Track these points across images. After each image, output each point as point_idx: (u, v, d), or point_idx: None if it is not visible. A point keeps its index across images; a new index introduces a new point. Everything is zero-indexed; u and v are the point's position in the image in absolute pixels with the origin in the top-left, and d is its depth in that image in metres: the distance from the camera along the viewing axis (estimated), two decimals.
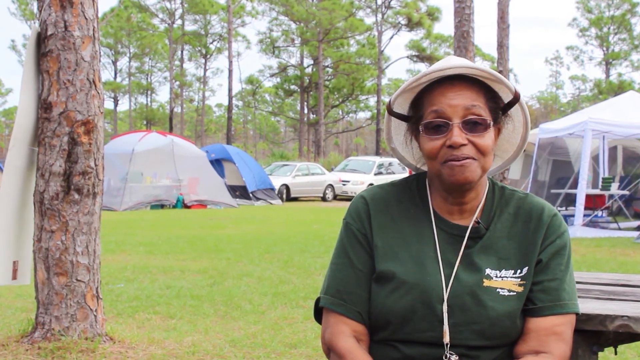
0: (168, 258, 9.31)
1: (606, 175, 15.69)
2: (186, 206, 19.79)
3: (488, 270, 1.72)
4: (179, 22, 54.47)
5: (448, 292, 1.69)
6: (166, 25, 53.86)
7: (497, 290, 1.70)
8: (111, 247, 9.98)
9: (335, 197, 27.19)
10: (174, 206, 19.70)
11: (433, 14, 50.31)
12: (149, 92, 63.04)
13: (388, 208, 1.80)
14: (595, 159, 15.77)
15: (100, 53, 4.69)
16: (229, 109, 41.72)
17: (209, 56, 57.52)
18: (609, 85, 53.76)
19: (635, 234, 12.03)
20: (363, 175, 27.66)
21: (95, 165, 4.58)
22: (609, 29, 55.66)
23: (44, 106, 4.48)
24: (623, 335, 1.95)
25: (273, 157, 39.83)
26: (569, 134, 14.10)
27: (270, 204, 22.81)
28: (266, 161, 37.58)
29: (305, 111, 54.45)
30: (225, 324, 5.49)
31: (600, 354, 2.03)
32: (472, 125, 1.68)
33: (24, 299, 6.31)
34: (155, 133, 21.80)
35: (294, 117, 58.31)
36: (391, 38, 53.57)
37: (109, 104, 59.30)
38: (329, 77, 52.72)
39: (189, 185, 20.32)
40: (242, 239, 11.57)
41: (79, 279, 4.48)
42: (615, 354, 2.23)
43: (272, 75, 55.15)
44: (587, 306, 1.98)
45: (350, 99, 54.89)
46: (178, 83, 56.38)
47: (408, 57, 52.87)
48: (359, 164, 29.65)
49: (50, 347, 4.29)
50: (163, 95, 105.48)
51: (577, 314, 1.75)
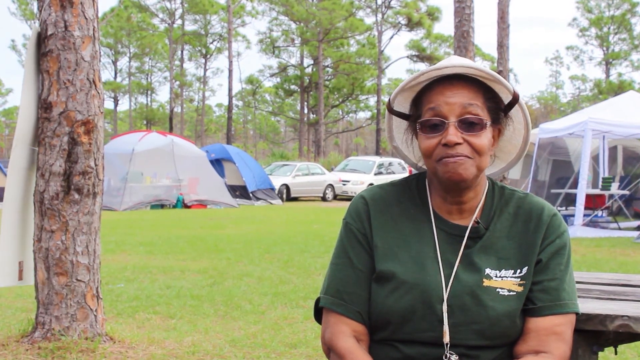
0: (168, 258, 9.31)
1: (606, 175, 15.69)
2: (186, 206, 19.79)
3: (488, 270, 1.72)
4: (179, 22, 54.50)
5: (448, 292, 1.69)
6: (166, 25, 53.86)
7: (497, 290, 1.70)
8: (111, 247, 9.98)
9: (336, 197, 27.19)
10: (174, 206, 19.70)
11: (433, 14, 50.32)
12: (149, 92, 63.07)
13: (388, 208, 1.80)
14: (595, 158, 15.77)
15: (100, 53, 4.69)
16: (229, 108, 41.72)
17: (209, 56, 57.53)
18: (609, 85, 53.77)
19: (636, 233, 12.03)
20: (363, 175, 27.66)
21: (95, 165, 4.58)
22: (609, 28, 55.67)
23: (44, 106, 4.48)
24: (623, 335, 1.95)
25: (273, 157, 39.83)
26: (569, 134, 14.10)
27: (271, 203, 22.82)
28: (266, 161, 37.58)
29: (305, 111, 54.45)
30: (226, 324, 5.49)
31: (600, 353, 2.03)
32: (469, 125, 1.68)
33: (24, 299, 6.31)
34: (155, 133, 21.79)
35: (294, 117, 58.31)
36: (391, 38, 53.63)
37: (109, 104, 59.40)
38: (329, 77, 52.72)
39: (189, 185, 20.32)
40: (242, 239, 11.57)
41: (79, 279, 4.48)
42: (616, 353, 2.23)
43: (272, 75, 55.18)
44: (587, 306, 1.98)
45: (350, 98, 54.90)
46: (178, 83, 56.39)
47: (408, 57, 52.89)
48: (359, 163, 29.66)
49: (51, 347, 4.29)
50: (163, 95, 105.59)
51: (577, 314, 1.75)
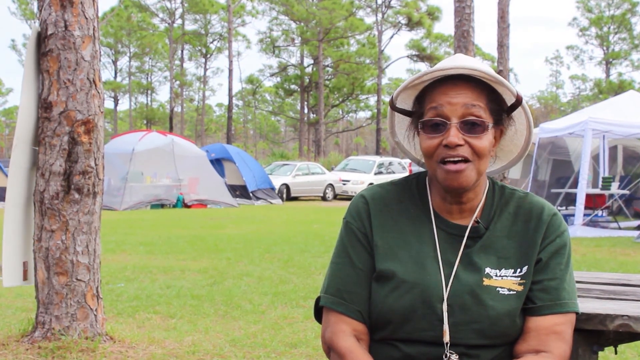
0: (168, 258, 9.31)
1: (606, 174, 15.69)
2: (186, 206, 19.79)
3: (488, 270, 1.72)
4: (179, 22, 54.50)
5: (448, 292, 1.70)
6: (166, 24, 53.86)
7: (497, 289, 1.70)
8: (111, 247, 9.98)
9: (336, 197, 27.19)
10: (174, 206, 19.70)
11: (433, 14, 50.33)
12: (149, 92, 63.06)
13: (388, 207, 1.80)
14: (595, 158, 15.76)
15: (100, 52, 4.69)
16: (229, 108, 41.71)
17: (209, 56, 57.53)
18: (609, 85, 53.77)
19: (636, 233, 12.03)
20: (363, 174, 27.66)
21: (96, 164, 4.58)
22: (609, 28, 55.66)
23: (44, 106, 4.48)
24: (623, 334, 1.95)
25: (273, 157, 39.83)
26: (569, 134, 14.10)
27: (271, 203, 22.81)
28: (266, 161, 37.58)
29: (306, 111, 54.45)
30: (226, 323, 5.49)
31: (600, 353, 2.03)
32: (470, 126, 1.68)
33: (24, 299, 6.31)
34: (156, 132, 21.79)
35: (294, 117, 58.31)
36: (391, 38, 53.64)
37: (109, 104, 59.40)
38: (329, 77, 52.72)
39: (189, 185, 20.32)
40: (242, 239, 11.57)
41: (79, 279, 4.48)
42: (616, 353, 2.23)
43: (272, 75, 55.18)
44: (588, 306, 1.98)
45: (350, 98, 54.91)
46: (178, 82, 56.39)
47: (408, 57, 52.89)
48: (359, 163, 29.65)
49: (51, 347, 4.29)
50: (163, 94, 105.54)
51: (577, 314, 1.75)
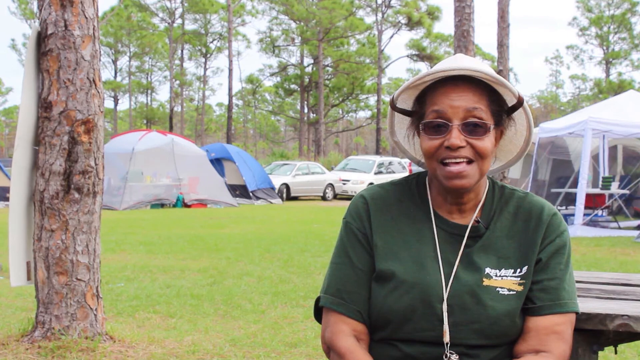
0: (168, 257, 9.31)
1: (606, 174, 15.69)
2: (186, 205, 19.78)
3: (488, 270, 1.72)
4: (179, 22, 54.49)
5: (448, 292, 1.70)
6: (166, 24, 53.85)
7: (497, 289, 1.70)
8: (111, 247, 9.98)
9: (336, 197, 27.18)
10: (174, 205, 19.69)
11: (433, 13, 50.31)
12: (149, 91, 63.04)
13: (388, 207, 1.80)
14: (595, 158, 15.76)
15: (100, 52, 4.69)
16: (229, 108, 41.70)
17: (209, 55, 57.52)
18: (609, 85, 53.76)
19: (636, 233, 12.03)
20: (363, 174, 27.65)
21: (96, 164, 4.58)
22: (609, 28, 55.65)
23: (44, 105, 4.48)
24: (623, 334, 1.95)
25: (273, 156, 39.83)
26: (569, 133, 14.09)
27: (271, 203, 22.81)
28: (266, 160, 37.57)
29: (306, 110, 54.44)
30: (226, 323, 5.49)
31: (600, 353, 2.03)
32: (472, 128, 1.68)
33: (24, 298, 6.31)
34: (156, 132, 21.78)
35: (294, 117, 58.30)
36: (391, 37, 53.56)
37: (109, 103, 59.39)
38: (329, 77, 52.71)
39: (189, 185, 20.32)
40: (242, 239, 11.57)
41: (79, 278, 4.48)
42: (616, 353, 2.23)
43: (272, 75, 55.17)
44: (587, 305, 1.98)
45: (350, 98, 54.90)
46: (178, 82, 56.38)
47: (408, 57, 52.88)
48: (359, 163, 29.64)
49: (51, 346, 4.29)
50: (163, 94, 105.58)
51: (577, 313, 1.75)
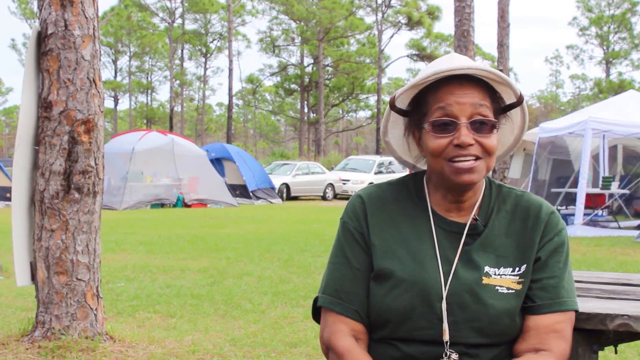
0: (168, 257, 9.31)
1: (606, 174, 15.69)
2: (186, 205, 19.78)
3: (487, 268, 1.72)
4: (179, 21, 54.49)
5: (447, 290, 1.69)
6: (166, 24, 53.85)
7: (496, 288, 1.70)
8: (111, 246, 9.98)
9: (336, 196, 27.18)
10: (174, 205, 19.70)
11: (433, 13, 50.31)
12: (149, 91, 63.05)
13: (385, 206, 1.80)
14: (595, 158, 15.76)
15: (100, 52, 4.69)
16: (229, 108, 41.71)
17: (209, 55, 57.52)
18: (609, 84, 53.75)
19: (636, 233, 12.03)
20: (363, 174, 27.64)
21: (96, 164, 4.58)
22: (609, 28, 55.64)
23: (44, 105, 4.48)
24: (623, 334, 1.95)
25: (273, 156, 39.83)
26: (569, 133, 14.09)
27: (271, 203, 22.81)
28: (266, 160, 37.57)
29: (306, 110, 54.44)
30: (226, 323, 5.49)
31: (600, 353, 2.03)
32: (479, 125, 1.68)
33: (24, 298, 6.31)
34: (156, 132, 21.79)
35: (294, 116, 58.30)
36: (391, 37, 53.58)
37: (109, 103, 59.39)
38: (329, 76, 52.71)
39: (189, 184, 20.32)
40: (243, 238, 11.57)
41: (79, 278, 4.49)
42: (616, 353, 2.23)
43: (273, 74, 55.17)
44: (588, 305, 1.98)
45: (350, 98, 54.90)
46: (178, 82, 56.38)
47: (408, 56, 52.87)
48: (359, 163, 29.64)
49: (51, 346, 4.29)
50: (163, 94, 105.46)
51: (577, 312, 1.75)
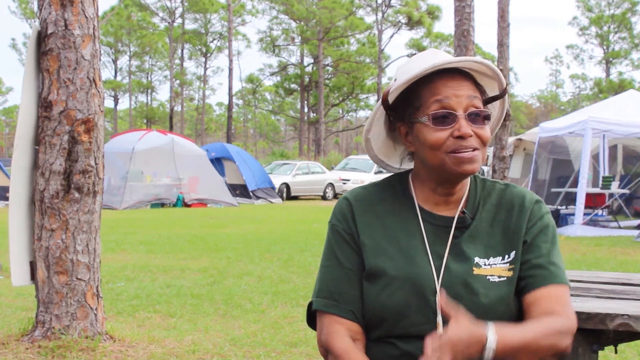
0: (168, 257, 9.31)
1: (606, 174, 15.68)
2: (186, 205, 19.78)
3: (477, 259, 1.73)
4: (179, 21, 54.47)
5: (440, 284, 1.70)
6: (166, 24, 53.84)
7: (487, 277, 1.71)
8: (111, 246, 9.98)
9: (336, 196, 27.15)
10: (174, 205, 19.69)
11: (433, 13, 50.31)
12: (149, 91, 63.03)
13: (372, 206, 1.81)
14: (595, 157, 15.75)
15: (100, 52, 4.69)
16: (229, 107, 41.70)
17: (209, 55, 57.51)
18: (609, 84, 53.74)
19: (636, 232, 12.03)
20: (363, 174, 27.62)
21: (96, 163, 4.58)
22: (609, 27, 55.63)
23: (44, 105, 4.48)
24: (623, 334, 1.96)
25: (273, 156, 39.82)
26: (569, 133, 14.09)
27: (271, 202, 22.81)
28: (266, 160, 37.57)
29: (306, 110, 54.43)
30: (226, 322, 5.49)
31: (600, 352, 2.03)
32: (475, 117, 1.71)
33: (24, 298, 6.31)
34: (156, 132, 21.78)
35: (294, 116, 58.29)
36: (391, 37, 53.53)
37: (109, 103, 59.35)
38: (329, 76, 52.70)
39: (189, 184, 20.31)
40: (243, 238, 11.57)
41: (79, 278, 4.49)
42: (616, 352, 2.23)
43: (273, 74, 55.14)
44: (588, 305, 1.99)
45: (350, 97, 54.88)
46: (178, 82, 56.36)
47: (408, 56, 52.77)
48: (359, 162, 29.61)
49: (51, 346, 4.29)
50: (163, 93, 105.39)
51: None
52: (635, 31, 54.77)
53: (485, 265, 1.72)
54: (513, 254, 1.74)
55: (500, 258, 1.73)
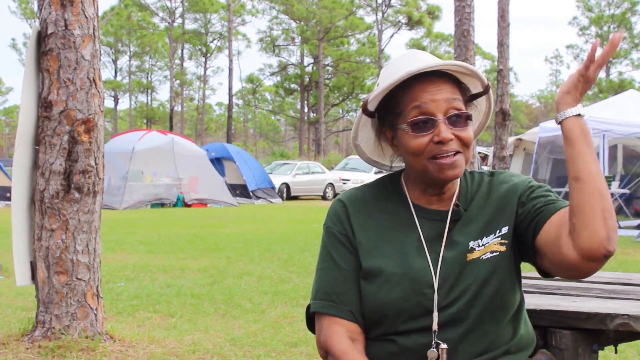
0: (168, 257, 9.31)
1: (606, 174, 15.68)
2: (186, 205, 19.78)
3: (471, 244, 1.73)
4: (179, 21, 54.48)
5: (437, 277, 1.71)
6: (166, 23, 53.84)
7: (481, 257, 1.72)
8: (111, 246, 9.98)
9: (336, 196, 27.13)
10: (174, 205, 19.70)
11: (433, 13, 50.32)
12: (149, 91, 63.04)
13: (366, 206, 1.82)
14: None
15: (100, 52, 4.69)
16: (229, 107, 41.71)
17: (209, 55, 57.51)
18: (609, 84, 53.73)
19: (636, 232, 12.03)
20: (363, 174, 27.59)
21: (96, 163, 4.58)
22: (609, 27, 55.60)
23: (44, 105, 4.48)
24: (623, 333, 1.96)
25: (273, 156, 39.82)
26: None
27: (271, 202, 22.81)
28: (266, 160, 37.57)
29: (306, 110, 54.44)
30: (226, 322, 5.49)
31: (600, 352, 2.03)
32: (455, 119, 1.70)
33: (24, 298, 6.31)
34: (156, 132, 21.79)
35: (294, 116, 58.30)
36: (391, 37, 53.53)
37: (109, 103, 59.36)
38: (329, 76, 52.71)
39: (189, 184, 20.32)
40: (243, 238, 11.57)
41: (79, 278, 4.49)
42: (616, 352, 2.23)
43: (273, 74, 55.15)
44: (588, 305, 1.99)
45: (350, 97, 54.87)
46: (178, 82, 56.37)
47: None
48: (359, 162, 29.55)
49: (51, 346, 4.29)
50: (163, 93, 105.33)
51: None
52: (635, 31, 54.80)
53: (479, 247, 1.73)
54: (505, 229, 1.74)
55: (493, 235, 1.74)
